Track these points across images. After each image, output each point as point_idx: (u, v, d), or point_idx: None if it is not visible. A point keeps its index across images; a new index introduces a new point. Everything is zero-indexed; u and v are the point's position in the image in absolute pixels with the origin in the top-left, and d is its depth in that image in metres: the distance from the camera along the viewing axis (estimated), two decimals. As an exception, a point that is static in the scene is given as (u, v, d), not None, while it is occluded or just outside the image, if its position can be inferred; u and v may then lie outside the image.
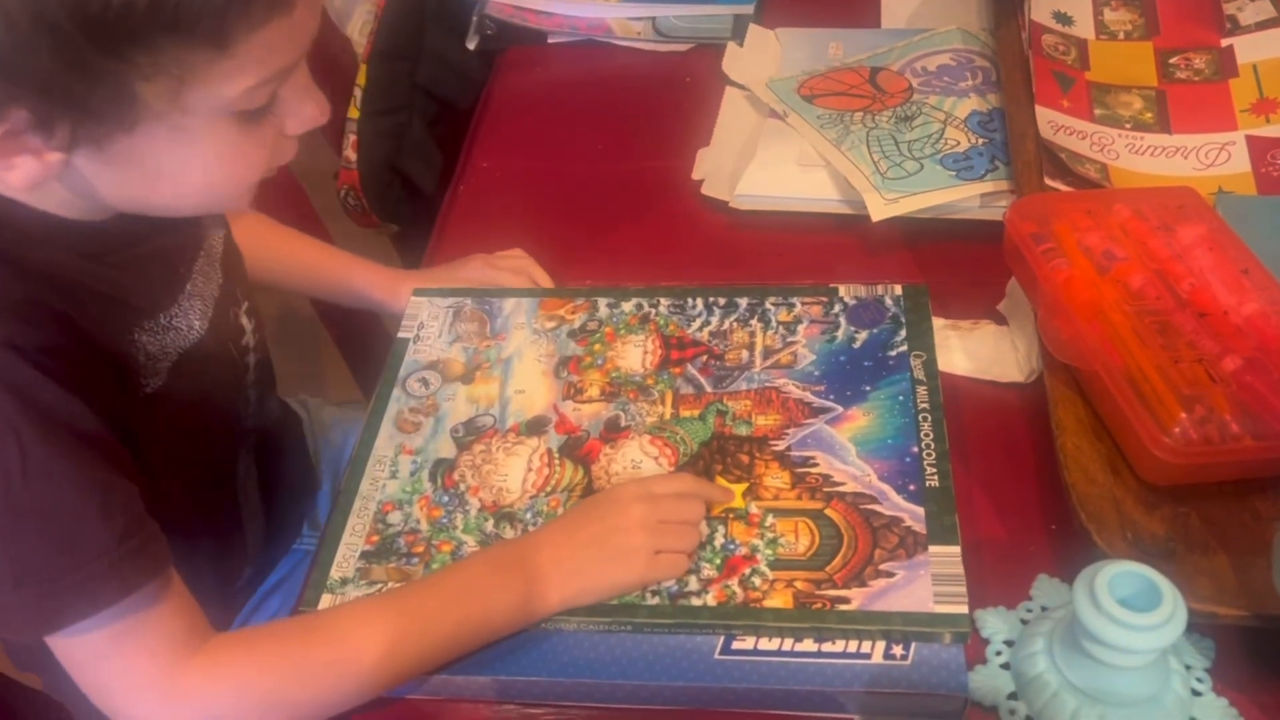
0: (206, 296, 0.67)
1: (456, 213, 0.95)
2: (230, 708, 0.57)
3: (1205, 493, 0.60)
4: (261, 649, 0.59)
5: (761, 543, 0.63)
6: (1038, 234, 0.70)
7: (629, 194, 0.95)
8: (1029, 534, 0.65)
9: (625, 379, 0.74)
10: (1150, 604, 0.51)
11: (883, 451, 0.67)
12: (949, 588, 0.59)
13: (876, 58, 1.01)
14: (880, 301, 0.76)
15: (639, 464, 0.68)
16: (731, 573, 0.61)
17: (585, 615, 0.60)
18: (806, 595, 0.60)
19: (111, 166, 0.54)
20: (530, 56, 1.13)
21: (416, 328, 0.79)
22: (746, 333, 0.76)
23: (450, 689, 0.60)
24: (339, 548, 0.65)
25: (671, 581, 0.61)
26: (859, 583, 0.60)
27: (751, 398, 0.71)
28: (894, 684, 0.58)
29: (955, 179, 0.84)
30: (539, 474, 0.68)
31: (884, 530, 0.62)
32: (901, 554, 0.61)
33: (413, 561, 0.64)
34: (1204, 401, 0.60)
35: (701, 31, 1.10)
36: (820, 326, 0.75)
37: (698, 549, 0.63)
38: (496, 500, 0.67)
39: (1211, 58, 0.90)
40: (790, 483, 0.66)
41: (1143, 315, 0.65)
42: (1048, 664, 0.56)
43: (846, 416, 0.69)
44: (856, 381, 0.71)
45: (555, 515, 0.65)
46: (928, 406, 0.68)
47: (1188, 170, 0.83)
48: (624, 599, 0.61)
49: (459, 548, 0.65)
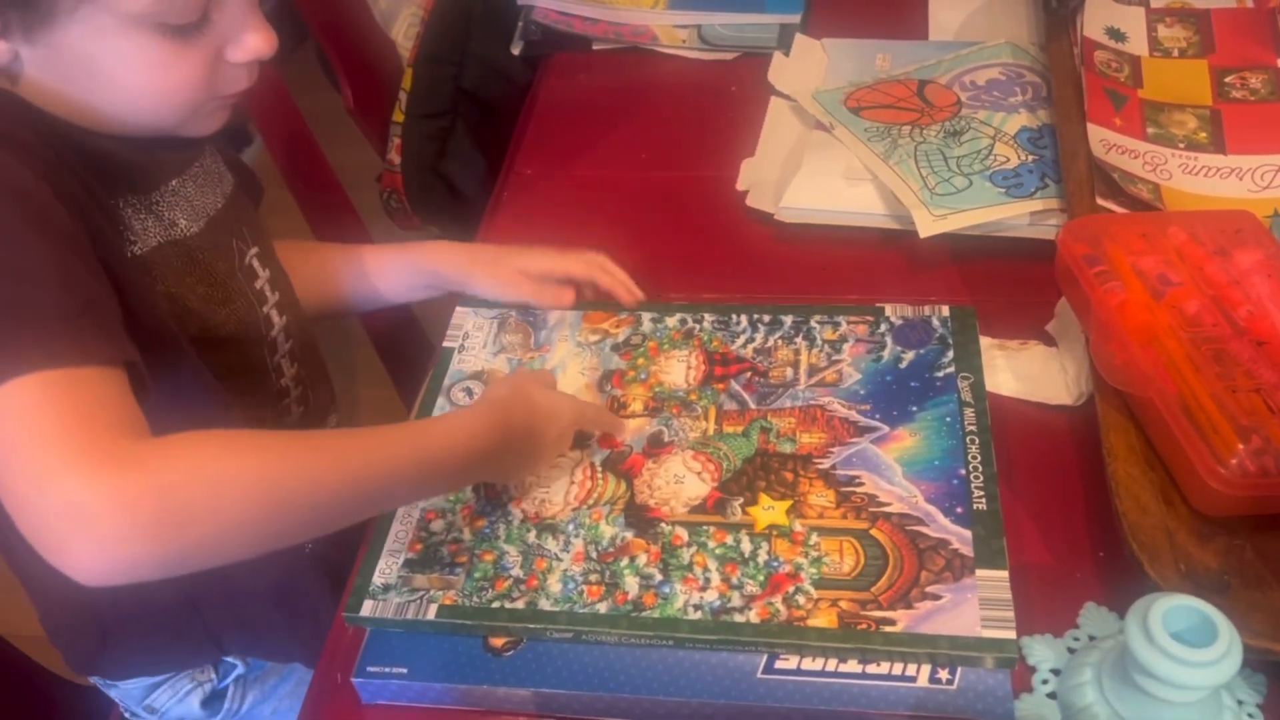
0: (199, 207, 0.69)
1: (499, 219, 0.95)
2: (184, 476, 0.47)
3: (1261, 525, 0.59)
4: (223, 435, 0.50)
5: (806, 561, 0.62)
6: (1091, 256, 0.70)
7: (672, 203, 0.95)
8: (1076, 560, 0.65)
9: (668, 394, 0.74)
10: (1204, 639, 0.50)
11: (930, 473, 0.66)
12: (996, 612, 0.58)
13: (924, 70, 1.00)
14: (927, 322, 0.76)
15: (681, 478, 0.68)
16: (775, 590, 0.61)
17: (626, 628, 0.60)
18: (851, 615, 0.59)
19: (50, 64, 0.58)
20: (575, 63, 1.13)
21: (461, 337, 0.80)
22: (791, 350, 0.75)
23: (490, 701, 0.61)
24: (382, 554, 0.66)
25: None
26: (904, 604, 0.60)
27: (796, 415, 0.71)
28: (938, 709, 0.57)
29: (1004, 196, 0.84)
30: (581, 487, 0.68)
31: (930, 552, 0.62)
32: (948, 577, 0.61)
33: (455, 571, 0.64)
34: (1261, 432, 0.59)
35: (747, 40, 1.10)
36: (866, 346, 0.75)
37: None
38: (539, 512, 0.67)
39: (1268, 77, 0.89)
40: (835, 501, 0.65)
41: (1198, 342, 0.64)
42: (1096, 695, 0.55)
43: (893, 437, 0.69)
44: (903, 402, 0.70)
45: (597, 527, 0.66)
46: (975, 429, 0.68)
47: (1242, 192, 0.81)
48: (665, 613, 0.61)
49: (501, 557, 0.65)
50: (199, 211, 0.69)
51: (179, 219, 0.67)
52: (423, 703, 0.61)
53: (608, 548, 0.64)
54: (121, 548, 0.45)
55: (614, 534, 0.65)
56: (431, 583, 0.64)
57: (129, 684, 0.79)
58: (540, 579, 0.63)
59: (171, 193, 0.67)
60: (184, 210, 0.68)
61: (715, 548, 0.64)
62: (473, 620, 0.62)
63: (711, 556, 0.63)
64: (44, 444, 0.46)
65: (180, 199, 0.68)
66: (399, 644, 0.62)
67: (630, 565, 0.63)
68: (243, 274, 0.72)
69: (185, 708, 0.80)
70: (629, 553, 0.64)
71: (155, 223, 0.66)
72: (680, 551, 0.64)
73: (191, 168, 0.70)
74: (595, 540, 0.65)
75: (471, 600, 0.62)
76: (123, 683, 0.79)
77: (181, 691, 0.79)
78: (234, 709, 0.81)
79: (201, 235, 0.69)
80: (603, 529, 0.66)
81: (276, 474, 0.50)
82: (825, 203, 0.88)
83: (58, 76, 0.59)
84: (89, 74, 0.59)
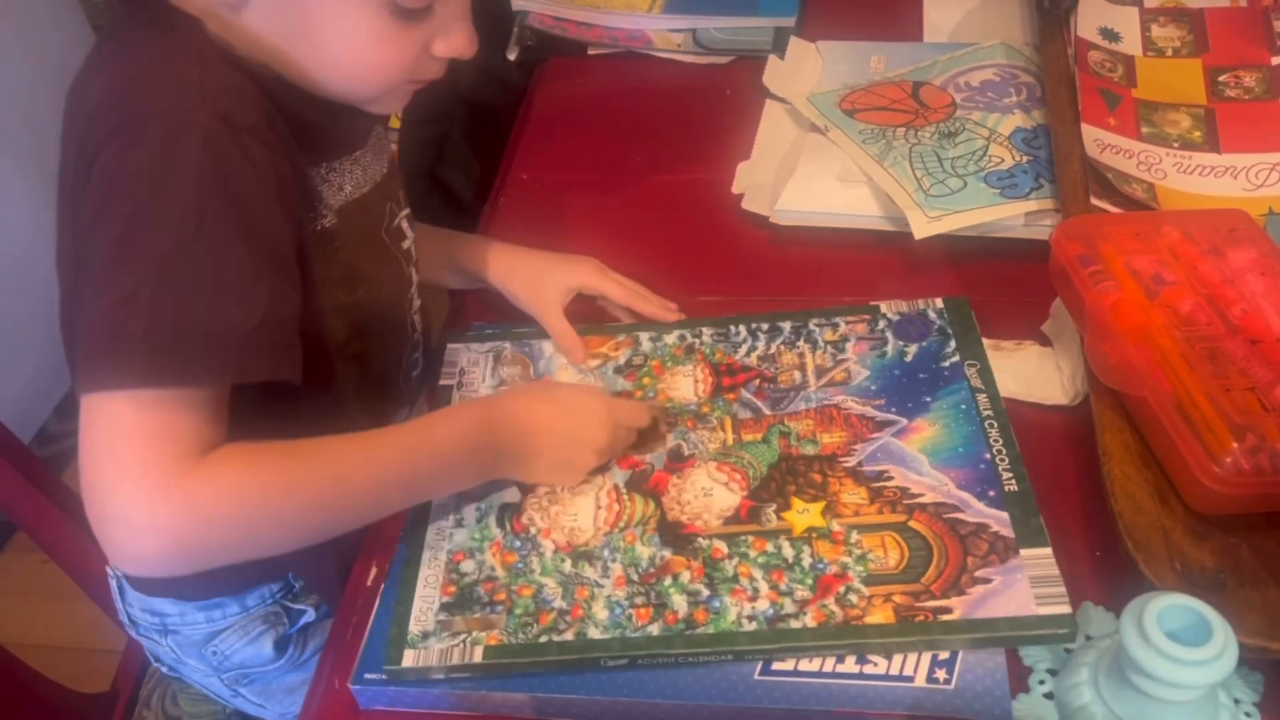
0: (369, 174, 0.72)
1: (496, 224, 0.95)
2: (224, 516, 0.56)
3: (1256, 523, 0.59)
4: (263, 465, 0.57)
5: (851, 559, 0.62)
6: (1085, 256, 0.70)
7: (668, 207, 0.95)
8: (1072, 560, 0.64)
9: (680, 409, 0.73)
10: (1200, 638, 0.50)
11: (956, 460, 0.67)
12: (1048, 589, 0.59)
13: (919, 72, 1.00)
14: (924, 315, 0.76)
15: (710, 491, 0.67)
16: (826, 592, 0.61)
17: (684, 648, 0.59)
18: (907, 609, 0.59)
19: (274, 16, 0.60)
20: (570, 68, 1.13)
21: (457, 374, 0.79)
22: (795, 354, 0.75)
23: (487, 706, 0.61)
24: (414, 601, 0.63)
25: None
26: (957, 591, 0.60)
27: (813, 417, 0.71)
28: (936, 709, 0.57)
29: (999, 197, 0.84)
30: (609, 510, 0.67)
31: (972, 538, 0.62)
32: (994, 560, 0.61)
33: (495, 609, 0.62)
34: (1256, 430, 0.59)
35: (742, 44, 1.10)
36: (868, 343, 0.75)
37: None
38: (570, 540, 0.66)
39: (1262, 76, 0.89)
40: (868, 498, 0.66)
41: (1193, 341, 0.64)
42: (1093, 695, 0.55)
43: (912, 428, 0.69)
44: (915, 393, 0.71)
45: (633, 550, 0.65)
46: (991, 413, 0.69)
47: (1237, 191, 0.81)
48: (719, 628, 0.60)
49: (540, 590, 0.63)
50: (369, 177, 0.72)
51: (350, 185, 0.70)
52: (420, 708, 0.61)
53: (648, 568, 0.63)
54: (157, 558, 0.55)
55: (652, 554, 0.64)
56: (471, 624, 0.62)
57: (192, 629, 0.80)
58: (585, 608, 0.62)
59: (353, 161, 0.70)
60: (358, 177, 0.71)
61: (757, 556, 0.63)
62: (524, 658, 0.60)
63: (755, 566, 0.63)
64: (118, 460, 0.54)
65: (359, 166, 0.71)
66: (397, 649, 0.62)
67: (675, 583, 0.62)
68: (390, 235, 0.75)
69: (255, 650, 0.81)
70: (671, 571, 0.63)
71: (336, 190, 0.69)
72: (723, 564, 0.63)
73: (371, 138, 0.73)
74: (634, 563, 0.64)
75: (517, 638, 0.61)
76: (186, 628, 0.80)
77: (253, 633, 0.80)
78: (296, 655, 0.83)
79: (367, 199, 0.71)
80: (639, 550, 0.65)
81: (294, 489, 0.58)
82: (821, 205, 0.88)
83: (276, 29, 0.60)
84: (308, 33, 0.61)
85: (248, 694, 0.85)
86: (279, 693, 0.85)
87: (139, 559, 0.55)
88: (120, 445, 0.54)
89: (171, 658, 0.83)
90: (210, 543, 0.56)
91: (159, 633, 0.81)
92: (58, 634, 1.18)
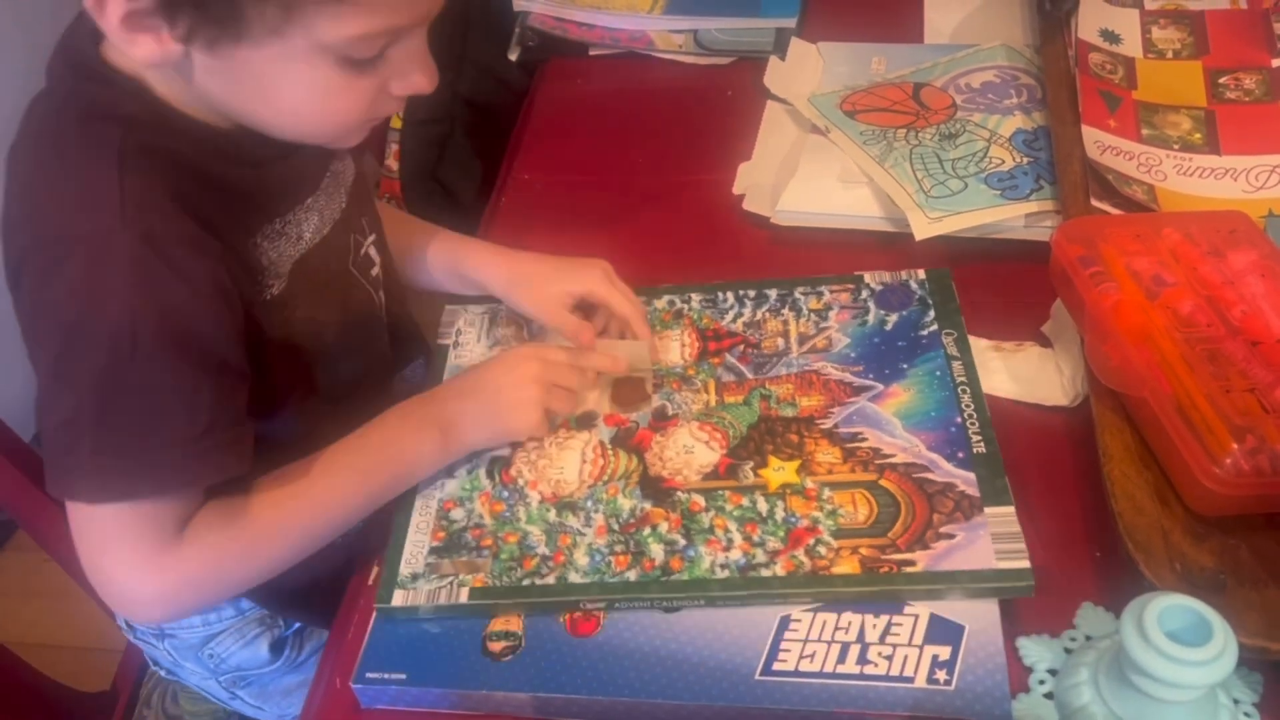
0: (325, 215, 0.71)
1: (497, 225, 0.95)
2: (212, 574, 0.64)
3: (1256, 524, 0.59)
4: (239, 522, 0.63)
5: (822, 514, 0.64)
6: (1085, 257, 0.70)
7: (670, 208, 0.95)
8: (1072, 561, 0.65)
9: (667, 371, 0.76)
10: (1199, 638, 0.50)
11: (928, 424, 0.68)
12: (1009, 545, 0.61)
13: (920, 73, 1.01)
14: (905, 285, 0.79)
15: (691, 449, 0.70)
16: (796, 544, 0.63)
17: (659, 592, 0.62)
18: (873, 560, 0.61)
19: (222, 73, 0.58)
20: (571, 68, 1.13)
21: (454, 334, 0.81)
22: (779, 321, 0.78)
23: (488, 706, 0.61)
24: (405, 545, 0.67)
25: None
26: (922, 545, 0.62)
27: (793, 381, 0.73)
28: (936, 709, 0.57)
29: (1000, 198, 0.84)
30: (594, 464, 0.70)
31: (939, 496, 0.64)
32: (959, 517, 0.63)
33: (482, 554, 0.65)
34: (1256, 432, 0.59)
35: (743, 44, 1.10)
36: (850, 312, 0.77)
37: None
38: (556, 491, 0.68)
39: (1262, 78, 0.89)
40: (842, 457, 0.67)
41: (1193, 342, 0.64)
42: (1093, 695, 0.55)
43: (888, 393, 0.71)
44: (893, 360, 0.73)
45: (615, 501, 0.67)
46: (965, 380, 0.71)
47: (1237, 193, 0.82)
48: (693, 575, 0.62)
49: (525, 538, 0.66)
50: (325, 220, 0.70)
51: (305, 232, 0.68)
52: (421, 707, 0.61)
53: (629, 519, 0.66)
54: (162, 616, 0.71)
55: (633, 506, 0.67)
56: (459, 567, 0.65)
57: (188, 633, 0.80)
58: (567, 554, 0.64)
59: (304, 209, 0.68)
60: (315, 222, 0.69)
61: (733, 510, 0.66)
62: (506, 599, 0.63)
63: (730, 518, 0.65)
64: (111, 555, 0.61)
65: (311, 213, 0.69)
66: (398, 649, 0.62)
67: (653, 533, 0.65)
68: (358, 266, 0.74)
69: (251, 652, 0.82)
70: (650, 522, 0.66)
71: (287, 244, 0.67)
72: (700, 516, 0.65)
73: (324, 179, 0.71)
74: (615, 513, 0.66)
75: (501, 580, 0.64)
76: (183, 631, 0.80)
77: (249, 636, 0.81)
78: (293, 657, 0.84)
79: (329, 238, 0.70)
80: (621, 502, 0.67)
81: (272, 536, 0.65)
82: (821, 206, 0.88)
83: (223, 86, 0.59)
84: (258, 89, 0.59)
85: (245, 696, 0.86)
86: (276, 694, 0.86)
87: (147, 620, 0.72)
88: (108, 542, 0.60)
89: (169, 660, 0.84)
90: (204, 595, 0.66)
91: (156, 636, 0.82)
92: (58, 633, 1.18)
